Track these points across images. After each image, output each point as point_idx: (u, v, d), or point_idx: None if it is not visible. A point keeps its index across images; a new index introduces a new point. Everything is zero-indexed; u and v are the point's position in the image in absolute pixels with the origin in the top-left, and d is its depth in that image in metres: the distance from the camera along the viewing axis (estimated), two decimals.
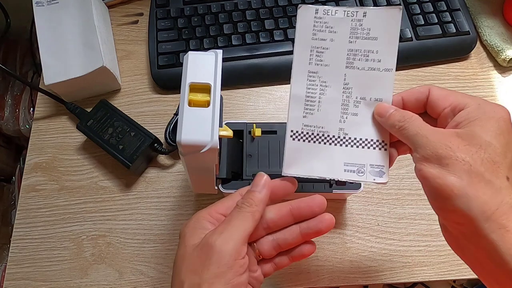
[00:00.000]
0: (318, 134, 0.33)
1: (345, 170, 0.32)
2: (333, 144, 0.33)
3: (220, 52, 0.32)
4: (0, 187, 0.82)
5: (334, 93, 0.32)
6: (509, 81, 0.53)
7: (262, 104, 0.52)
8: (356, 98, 0.32)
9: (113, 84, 0.52)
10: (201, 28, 0.53)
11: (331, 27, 0.32)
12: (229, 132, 0.32)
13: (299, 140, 0.33)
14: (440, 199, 0.26)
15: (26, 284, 0.44)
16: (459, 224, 0.27)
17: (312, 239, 0.33)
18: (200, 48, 0.52)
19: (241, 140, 0.44)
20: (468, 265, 0.29)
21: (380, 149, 0.32)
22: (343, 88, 0.32)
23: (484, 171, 0.25)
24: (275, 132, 0.44)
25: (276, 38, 0.52)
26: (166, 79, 0.52)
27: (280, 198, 0.33)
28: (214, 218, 0.31)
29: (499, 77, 0.54)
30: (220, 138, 0.32)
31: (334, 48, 0.32)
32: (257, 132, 0.43)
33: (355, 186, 0.41)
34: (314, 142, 0.33)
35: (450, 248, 0.44)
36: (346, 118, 0.32)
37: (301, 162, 0.33)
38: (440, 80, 0.53)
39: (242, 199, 0.31)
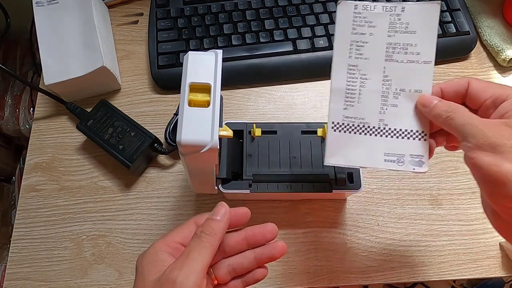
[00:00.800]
0: (358, 125, 0.34)
1: (385, 160, 0.33)
2: (373, 135, 0.33)
3: (220, 52, 0.32)
4: (0, 187, 0.82)
5: (374, 85, 0.33)
6: (509, 81, 0.53)
7: (262, 104, 0.52)
8: (396, 90, 0.33)
9: (113, 84, 0.52)
10: (201, 28, 0.53)
11: (370, 22, 0.33)
12: (229, 132, 0.32)
13: (340, 131, 0.34)
14: (495, 185, 0.27)
15: (26, 284, 0.44)
16: None
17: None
18: (200, 48, 0.52)
19: (241, 140, 0.44)
20: None
21: (419, 139, 0.33)
22: (383, 80, 0.33)
23: None
24: (275, 132, 0.44)
25: (276, 38, 0.52)
26: (166, 79, 0.52)
27: (232, 227, 0.33)
28: (172, 248, 0.31)
29: (499, 77, 0.54)
30: (220, 138, 0.32)
31: (374, 42, 0.33)
32: (257, 132, 0.43)
33: (355, 186, 0.41)
34: (355, 133, 0.34)
35: (450, 248, 0.44)
36: (386, 109, 0.33)
37: (342, 152, 0.34)
38: (440, 80, 0.53)
39: (201, 227, 0.31)
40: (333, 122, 0.34)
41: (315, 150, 0.43)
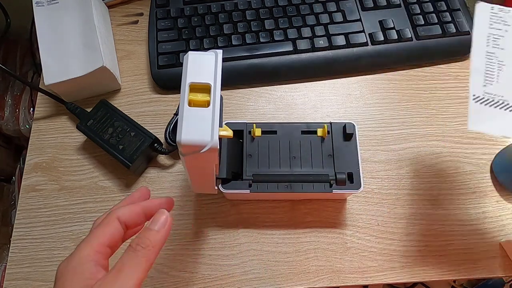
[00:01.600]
0: (498, 101, 0.38)
1: None
2: None
3: (220, 52, 0.32)
4: (0, 187, 0.82)
5: (510, 70, 0.38)
6: None
7: (262, 104, 0.52)
8: None
9: (113, 84, 0.52)
10: (201, 28, 0.53)
11: (505, 21, 0.40)
12: (229, 132, 0.32)
13: (481, 103, 0.38)
14: None
15: (26, 284, 0.44)
16: None
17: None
18: (200, 48, 0.52)
19: (241, 140, 0.44)
20: None
21: None
22: None
23: None
24: (275, 132, 0.44)
25: (276, 38, 0.52)
26: (166, 79, 0.52)
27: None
28: (99, 252, 0.28)
29: None
30: (220, 138, 0.32)
31: (508, 36, 0.39)
32: (257, 132, 0.43)
33: (355, 186, 0.41)
34: (495, 107, 0.38)
35: (450, 248, 0.45)
36: None
37: (486, 122, 0.38)
38: (440, 80, 0.53)
39: (137, 238, 0.28)
40: (474, 95, 0.38)
41: (315, 150, 0.43)
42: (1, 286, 0.66)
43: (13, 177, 0.80)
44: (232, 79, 0.52)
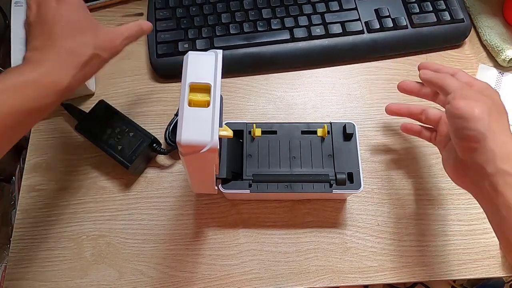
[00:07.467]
0: None
1: None
2: None
3: (220, 52, 0.32)
4: (0, 187, 0.81)
5: None
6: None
7: (262, 104, 0.52)
8: None
9: (83, 89, 0.51)
10: (199, 17, 0.53)
11: None
12: (229, 132, 0.32)
13: None
14: (464, 120, 0.33)
15: (26, 284, 0.44)
16: None
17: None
18: (199, 37, 0.53)
19: (241, 140, 0.44)
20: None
21: None
22: None
23: None
24: (275, 132, 0.44)
25: (273, 27, 0.53)
26: (165, 67, 0.52)
27: None
28: None
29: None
30: (220, 138, 0.32)
31: None
32: (257, 132, 0.43)
33: (355, 186, 0.41)
34: None
35: (450, 248, 0.44)
36: None
37: None
38: None
39: None
40: None
41: (315, 150, 0.43)
42: (1, 286, 0.66)
43: (13, 177, 0.80)
44: (230, 67, 0.52)
